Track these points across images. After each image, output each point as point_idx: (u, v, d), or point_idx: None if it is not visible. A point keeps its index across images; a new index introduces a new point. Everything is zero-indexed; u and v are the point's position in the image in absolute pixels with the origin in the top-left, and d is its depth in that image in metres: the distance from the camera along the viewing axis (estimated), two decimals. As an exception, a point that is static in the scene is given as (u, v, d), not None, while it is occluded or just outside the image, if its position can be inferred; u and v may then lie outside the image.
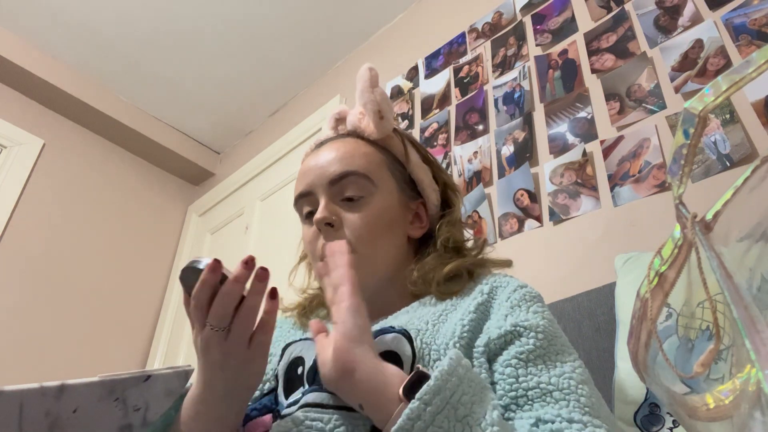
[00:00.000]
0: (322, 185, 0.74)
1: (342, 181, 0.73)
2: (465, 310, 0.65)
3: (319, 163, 0.76)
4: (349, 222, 0.71)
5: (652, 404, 0.79)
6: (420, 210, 0.81)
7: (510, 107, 1.61)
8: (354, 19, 2.31)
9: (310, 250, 0.75)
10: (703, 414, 0.46)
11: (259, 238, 2.34)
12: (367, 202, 0.73)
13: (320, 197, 0.73)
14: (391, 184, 0.77)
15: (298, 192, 0.76)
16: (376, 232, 0.72)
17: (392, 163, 0.79)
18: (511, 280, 0.71)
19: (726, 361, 0.47)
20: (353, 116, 0.81)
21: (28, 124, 2.39)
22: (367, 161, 0.76)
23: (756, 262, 0.45)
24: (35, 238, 2.24)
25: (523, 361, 0.57)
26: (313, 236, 0.74)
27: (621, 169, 1.27)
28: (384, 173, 0.77)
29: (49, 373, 2.09)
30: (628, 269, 0.97)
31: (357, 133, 0.81)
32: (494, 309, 0.65)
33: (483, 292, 0.68)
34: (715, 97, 0.49)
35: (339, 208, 0.73)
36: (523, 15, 1.74)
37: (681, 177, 0.53)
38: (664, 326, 0.57)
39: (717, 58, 1.21)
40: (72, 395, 0.42)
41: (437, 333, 0.62)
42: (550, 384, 0.54)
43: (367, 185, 0.74)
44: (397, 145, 0.81)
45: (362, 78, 0.80)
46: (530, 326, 0.60)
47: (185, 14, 2.28)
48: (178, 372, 0.51)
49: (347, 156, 0.75)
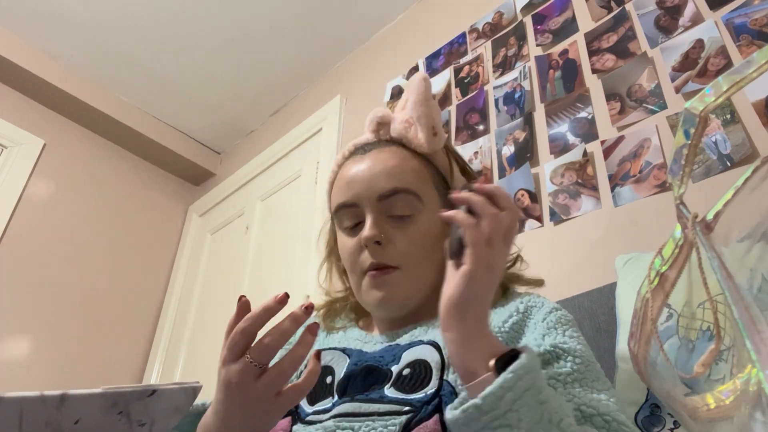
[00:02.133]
0: (369, 200, 0.72)
1: (391, 197, 0.72)
2: (500, 324, 0.66)
3: (366, 174, 0.73)
4: (396, 240, 0.71)
5: (653, 405, 0.79)
6: None
7: (510, 107, 1.61)
8: (355, 18, 2.31)
9: (351, 262, 0.74)
10: (704, 414, 0.46)
11: (260, 238, 2.34)
12: (414, 221, 0.72)
13: (367, 212, 0.72)
14: (436, 201, 0.76)
15: (342, 201, 0.74)
16: (423, 250, 0.72)
17: (436, 177, 0.78)
18: (546, 302, 0.71)
19: (727, 362, 0.47)
20: (399, 124, 0.79)
21: (28, 124, 2.39)
22: (416, 177, 0.74)
23: (756, 263, 0.45)
24: (36, 239, 2.24)
25: (561, 383, 0.57)
26: (355, 249, 0.73)
27: (621, 170, 1.27)
28: (430, 189, 0.76)
29: (49, 372, 2.09)
30: (628, 270, 0.97)
31: (402, 143, 0.78)
32: (529, 328, 0.66)
33: (518, 311, 0.68)
34: (715, 97, 0.49)
35: (387, 224, 0.72)
36: (524, 15, 1.74)
37: (682, 177, 0.53)
38: (664, 327, 0.57)
39: (718, 59, 1.21)
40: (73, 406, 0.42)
41: None
42: (591, 407, 0.54)
43: (415, 203, 0.73)
44: (443, 160, 0.80)
45: (417, 89, 0.78)
46: (568, 349, 0.60)
47: (186, 14, 2.28)
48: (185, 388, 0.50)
49: (397, 171, 0.73)
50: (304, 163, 2.30)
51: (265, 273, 2.19)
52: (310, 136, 2.34)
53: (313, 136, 2.33)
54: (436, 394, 0.56)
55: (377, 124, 0.80)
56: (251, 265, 2.28)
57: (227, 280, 2.36)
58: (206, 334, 2.31)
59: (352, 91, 2.30)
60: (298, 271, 1.99)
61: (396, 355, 0.64)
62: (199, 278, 2.53)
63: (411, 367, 0.61)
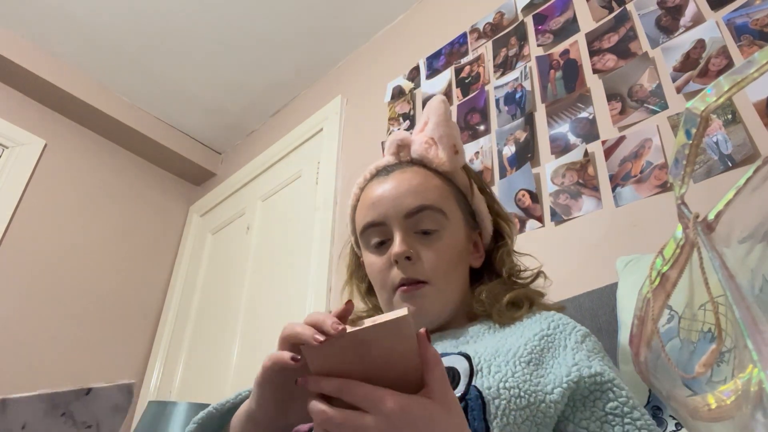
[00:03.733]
0: (397, 218, 0.74)
1: (418, 214, 0.74)
2: (529, 334, 0.67)
3: (392, 194, 0.76)
4: (425, 256, 0.73)
5: (654, 407, 0.79)
6: (478, 240, 0.84)
7: (511, 107, 1.61)
8: (355, 19, 2.31)
9: (380, 279, 0.76)
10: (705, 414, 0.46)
11: (261, 238, 2.34)
12: (440, 236, 0.75)
13: (395, 230, 0.74)
14: (459, 217, 0.79)
15: (369, 221, 0.77)
16: (450, 265, 0.75)
17: (458, 195, 0.81)
18: (576, 324, 0.72)
19: (728, 364, 0.47)
20: (419, 145, 0.81)
21: (29, 124, 2.39)
22: (440, 194, 0.77)
23: (758, 263, 0.45)
24: (37, 239, 2.24)
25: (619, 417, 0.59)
26: (384, 266, 0.75)
27: (622, 170, 1.27)
28: (453, 206, 0.79)
29: (49, 372, 2.09)
30: (629, 271, 0.97)
31: (423, 163, 0.81)
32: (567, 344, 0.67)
33: (549, 327, 0.69)
34: (717, 98, 0.49)
35: (415, 240, 0.74)
36: (525, 15, 1.74)
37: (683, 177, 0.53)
38: (666, 329, 0.57)
39: (719, 59, 1.21)
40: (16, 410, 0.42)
41: (496, 352, 0.64)
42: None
43: (441, 219, 0.75)
44: (462, 178, 0.83)
45: (438, 111, 0.81)
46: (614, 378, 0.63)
47: (186, 14, 2.28)
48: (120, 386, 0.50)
49: (421, 188, 0.76)
50: (305, 163, 2.30)
51: (266, 273, 2.19)
52: (311, 137, 2.35)
53: (314, 137, 2.33)
54: (462, 398, 0.57)
55: (397, 147, 0.83)
56: (252, 266, 2.28)
57: (228, 280, 2.36)
58: (207, 333, 2.31)
59: (353, 91, 2.30)
60: (299, 272, 2.00)
61: None
62: (199, 278, 2.53)
63: None
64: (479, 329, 0.73)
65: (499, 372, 0.60)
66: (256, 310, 2.13)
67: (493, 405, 0.57)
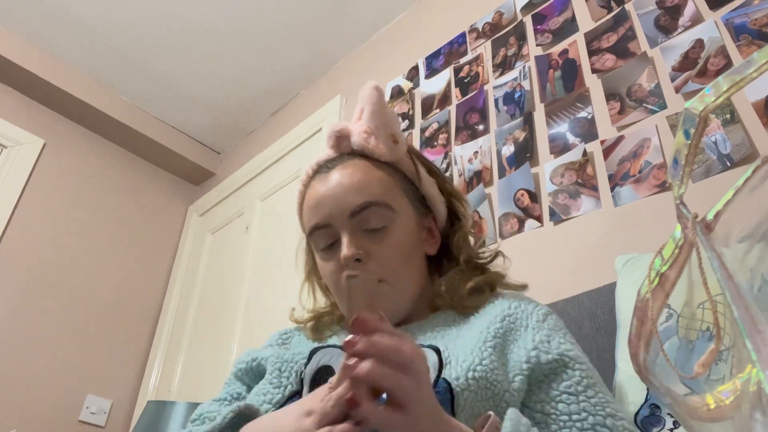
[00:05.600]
0: (342, 218, 0.71)
1: (363, 212, 0.71)
2: (492, 319, 0.67)
3: (334, 192, 0.73)
4: (376, 254, 0.70)
5: (652, 405, 0.79)
6: (431, 225, 0.81)
7: (510, 107, 1.61)
8: (355, 18, 2.31)
9: (333, 282, 0.73)
10: (704, 414, 0.46)
11: (260, 238, 2.34)
12: (390, 231, 0.72)
13: (342, 231, 0.71)
14: (407, 207, 0.76)
15: (314, 224, 0.74)
16: (403, 259, 0.72)
17: (404, 183, 0.78)
18: (538, 303, 0.72)
19: (726, 362, 0.47)
20: (358, 136, 0.77)
21: (28, 124, 2.39)
22: (384, 187, 0.74)
23: (757, 263, 0.45)
24: (35, 238, 2.24)
25: (573, 395, 0.59)
26: (336, 269, 0.72)
27: (621, 169, 1.27)
28: (399, 196, 0.76)
29: (48, 373, 2.09)
30: (628, 271, 0.97)
31: (364, 154, 0.77)
32: (528, 325, 0.67)
33: (511, 307, 0.69)
34: (715, 97, 0.49)
35: (363, 239, 0.71)
36: (524, 15, 1.74)
37: (682, 177, 0.53)
38: (664, 327, 0.57)
39: (717, 58, 1.21)
40: None
41: (462, 342, 0.64)
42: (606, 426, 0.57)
43: (388, 213, 0.72)
44: (408, 164, 0.79)
45: (371, 99, 0.77)
46: (574, 357, 0.63)
47: (186, 14, 2.28)
48: None
49: (364, 184, 0.73)
50: (304, 163, 2.30)
51: (265, 273, 2.19)
52: (310, 136, 2.34)
53: (313, 136, 2.33)
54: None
55: (336, 139, 0.79)
56: (251, 265, 2.28)
57: (227, 280, 2.36)
58: (206, 333, 2.30)
59: (353, 91, 2.30)
60: (298, 271, 1.99)
61: None
62: (198, 278, 2.52)
63: None
64: (443, 319, 0.72)
65: (466, 361, 0.59)
66: (255, 310, 2.13)
67: (462, 397, 0.56)
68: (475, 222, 1.51)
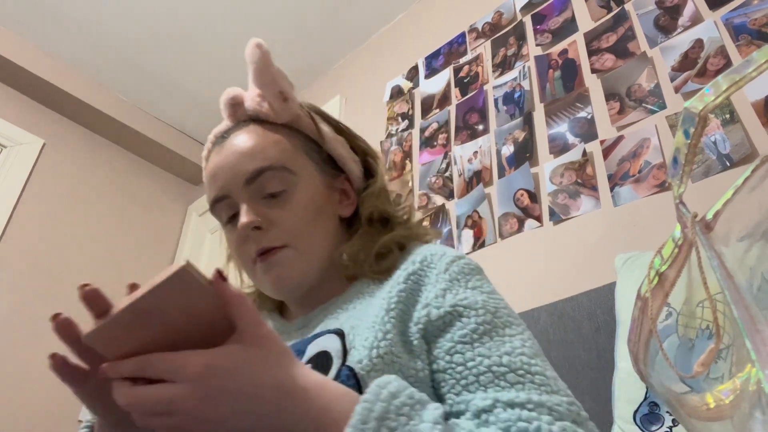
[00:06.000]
0: (237, 187, 0.67)
1: (259, 178, 0.67)
2: (394, 282, 0.61)
3: (228, 161, 0.68)
4: (278, 220, 0.66)
5: (651, 403, 0.79)
6: (345, 186, 0.76)
7: (510, 107, 1.61)
8: (354, 18, 2.31)
9: (238, 255, 0.70)
10: (703, 414, 0.46)
11: (259, 237, 2.33)
12: (290, 195, 0.68)
13: (239, 201, 0.67)
14: (310, 168, 0.71)
15: (213, 197, 0.70)
16: (308, 223, 0.68)
17: (306, 143, 0.73)
18: (448, 250, 0.65)
19: (726, 360, 0.47)
20: (252, 100, 0.73)
21: (28, 123, 2.39)
22: (281, 150, 0.69)
23: (756, 262, 0.45)
24: (35, 238, 2.24)
25: (468, 344, 0.54)
26: (240, 241, 0.68)
27: (621, 169, 1.27)
28: (300, 158, 0.71)
29: (48, 372, 2.09)
30: (628, 269, 0.97)
31: (260, 119, 0.73)
32: (430, 279, 0.61)
33: (414, 261, 0.64)
34: (715, 97, 0.49)
35: (262, 206, 0.67)
36: (524, 15, 1.74)
37: (681, 177, 0.53)
38: (664, 325, 0.57)
39: (717, 58, 1.21)
40: None
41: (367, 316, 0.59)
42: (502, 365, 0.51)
43: (286, 177, 0.68)
44: (307, 123, 0.74)
45: (252, 58, 0.72)
46: (470, 304, 0.56)
47: (185, 13, 2.28)
48: None
49: (258, 149, 0.68)
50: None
51: (265, 273, 2.19)
52: (310, 136, 2.34)
53: (313, 136, 2.33)
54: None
55: (231, 107, 0.75)
56: (251, 265, 2.28)
57: (227, 280, 2.36)
58: (206, 333, 2.30)
59: (352, 91, 2.30)
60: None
61: (301, 350, 0.59)
62: (198, 278, 2.52)
63: (313, 362, 0.56)
64: (359, 290, 0.67)
65: (368, 339, 0.54)
66: (255, 310, 2.13)
67: (368, 379, 0.51)
68: (474, 222, 1.51)
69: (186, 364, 0.40)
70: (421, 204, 1.69)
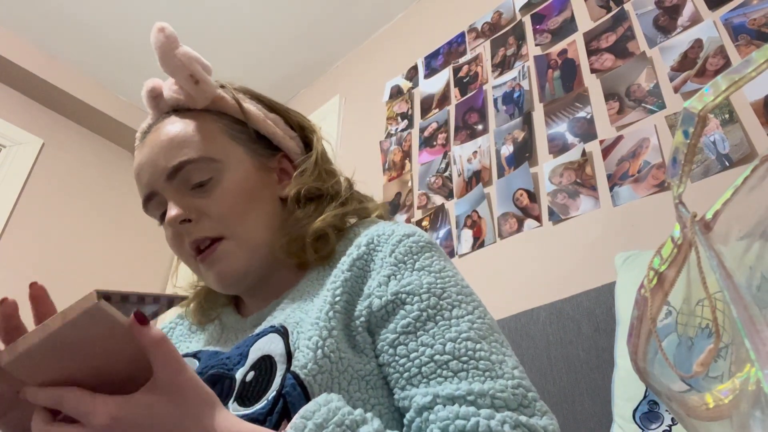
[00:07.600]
0: (160, 183, 0.64)
1: (180, 173, 0.63)
2: (338, 271, 0.58)
3: (148, 158, 0.65)
4: (206, 209, 0.63)
5: (651, 401, 0.79)
6: (284, 164, 0.72)
7: (509, 107, 1.61)
8: (354, 18, 2.31)
9: (177, 252, 0.68)
10: (703, 413, 0.46)
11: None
12: (217, 182, 0.64)
13: (165, 196, 0.64)
14: (238, 151, 0.67)
15: (142, 197, 0.67)
16: (240, 208, 0.64)
17: (231, 126, 0.69)
18: (397, 228, 0.61)
19: (725, 359, 0.47)
20: (169, 89, 0.69)
21: (27, 123, 2.38)
22: (200, 139, 0.65)
23: (756, 261, 0.45)
24: (34, 238, 2.24)
25: (411, 334, 0.51)
26: (174, 236, 0.66)
27: (620, 169, 1.27)
28: (224, 142, 0.67)
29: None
30: (628, 267, 0.97)
31: (181, 107, 0.69)
32: (376, 264, 0.58)
33: (360, 245, 0.60)
34: (714, 97, 0.49)
35: (190, 198, 0.64)
36: (523, 15, 1.74)
37: (680, 177, 0.53)
38: (663, 324, 0.58)
39: (716, 58, 1.21)
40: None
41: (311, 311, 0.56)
42: (445, 353, 0.49)
43: (209, 165, 0.64)
44: (231, 105, 0.70)
45: (157, 43, 0.66)
46: (413, 290, 0.54)
47: (185, 14, 2.28)
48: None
49: (175, 143, 0.65)
50: (303, 162, 2.30)
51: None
52: (309, 136, 2.34)
53: (312, 136, 2.33)
54: (279, 396, 0.48)
55: (151, 99, 0.71)
56: (250, 265, 2.27)
57: (226, 280, 2.36)
58: (205, 333, 2.30)
59: (351, 91, 2.30)
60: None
61: (243, 353, 0.55)
62: (198, 278, 2.52)
63: (255, 369, 0.52)
64: (311, 280, 0.63)
65: (312, 338, 0.51)
66: (255, 310, 2.13)
67: (316, 384, 0.48)
68: (474, 222, 1.51)
69: (94, 412, 0.38)
70: (420, 204, 1.69)
